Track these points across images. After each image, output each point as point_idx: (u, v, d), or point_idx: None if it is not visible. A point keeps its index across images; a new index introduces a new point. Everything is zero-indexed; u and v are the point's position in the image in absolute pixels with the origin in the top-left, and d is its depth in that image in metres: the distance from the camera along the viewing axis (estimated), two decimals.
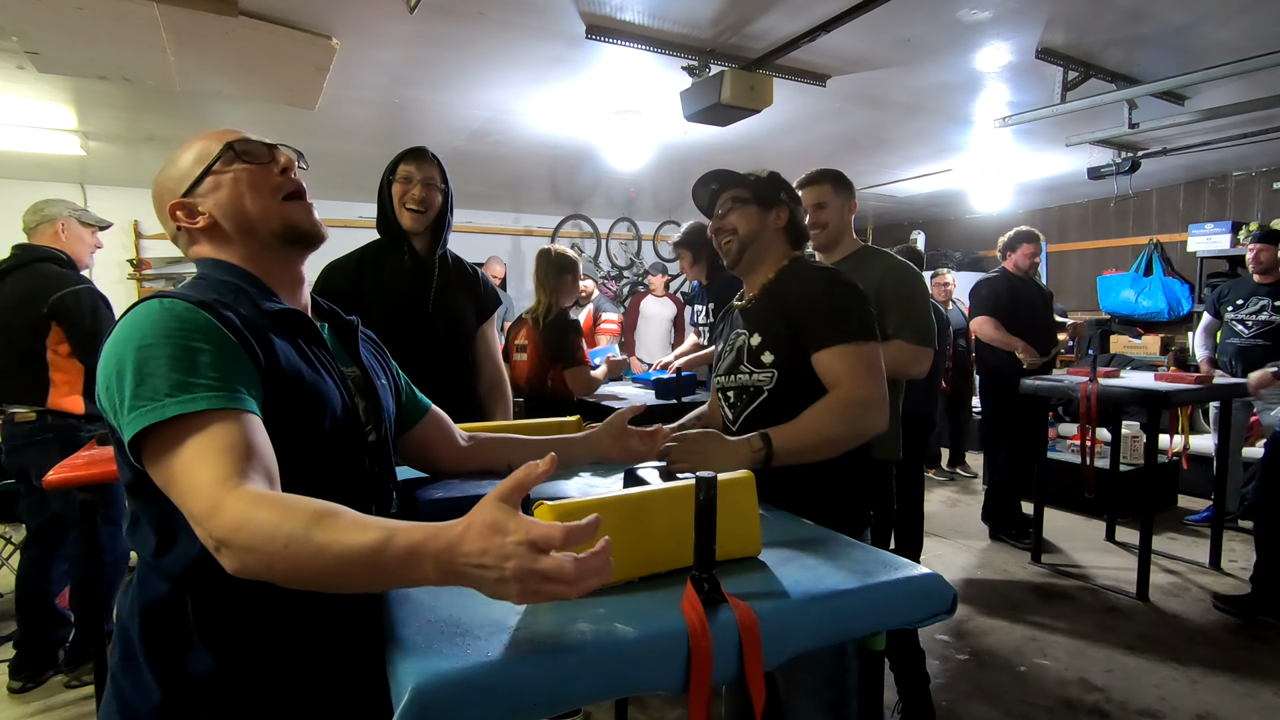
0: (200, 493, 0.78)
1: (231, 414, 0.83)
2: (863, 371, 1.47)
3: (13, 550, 3.70)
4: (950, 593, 1.04)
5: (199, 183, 1.04)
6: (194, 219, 1.04)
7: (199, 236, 1.05)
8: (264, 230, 1.04)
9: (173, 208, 1.05)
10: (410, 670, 0.73)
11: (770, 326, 1.58)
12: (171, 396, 0.82)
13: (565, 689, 0.76)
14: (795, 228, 1.71)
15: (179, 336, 0.86)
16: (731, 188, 1.70)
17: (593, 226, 8.20)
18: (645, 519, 0.98)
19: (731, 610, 0.88)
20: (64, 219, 2.91)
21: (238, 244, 1.04)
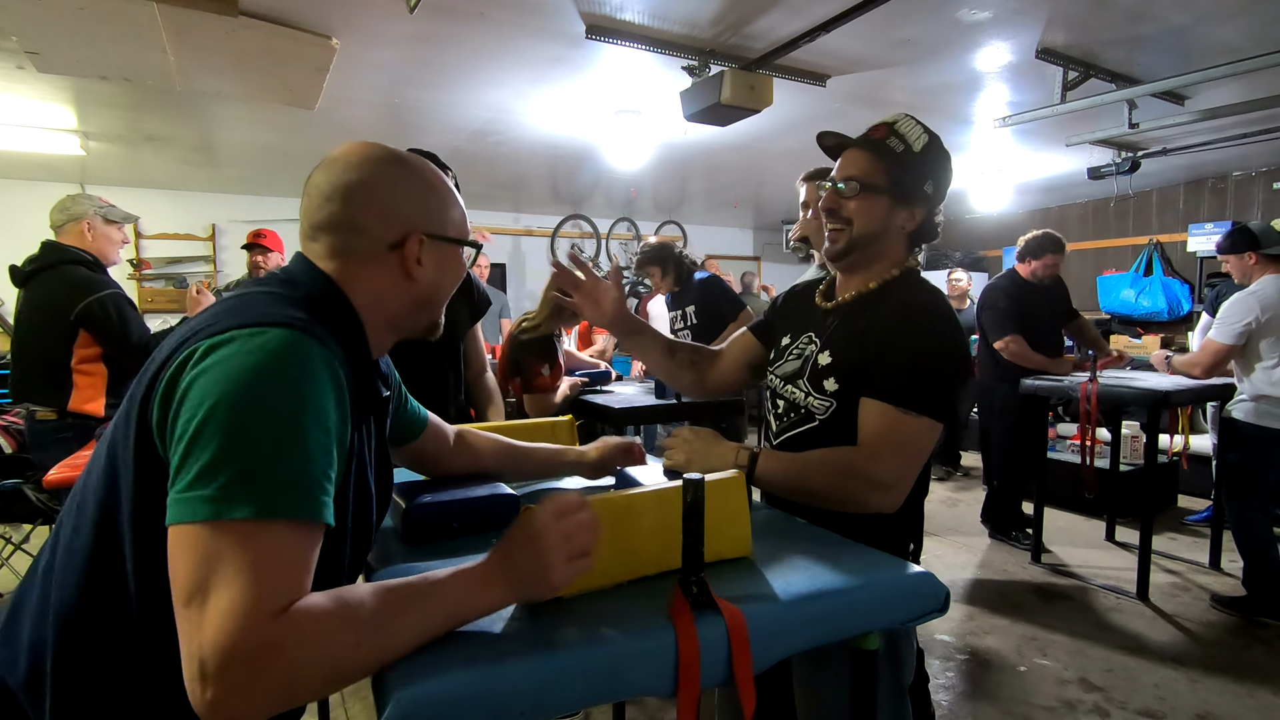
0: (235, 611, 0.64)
1: (316, 528, 0.73)
2: (891, 445, 1.22)
3: (13, 550, 3.71)
4: (943, 591, 1.03)
5: (444, 240, 0.95)
6: (415, 265, 0.92)
7: (382, 274, 0.91)
8: (424, 318, 0.98)
9: (417, 237, 0.91)
10: (394, 677, 0.72)
11: (846, 351, 1.33)
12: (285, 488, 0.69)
13: (552, 694, 0.76)
14: (923, 231, 1.40)
15: (311, 408, 0.73)
16: (866, 157, 1.35)
17: (593, 226, 8.20)
18: (634, 521, 0.98)
19: (720, 613, 0.87)
20: (89, 217, 2.91)
21: (393, 309, 0.93)
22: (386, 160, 0.91)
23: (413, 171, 0.93)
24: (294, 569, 0.70)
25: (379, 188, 0.90)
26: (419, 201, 0.93)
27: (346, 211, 0.88)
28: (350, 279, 0.89)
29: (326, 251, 0.90)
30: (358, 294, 0.89)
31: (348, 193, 0.88)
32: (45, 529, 3.79)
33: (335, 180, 0.89)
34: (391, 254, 0.90)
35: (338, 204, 0.88)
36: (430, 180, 0.95)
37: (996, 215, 7.97)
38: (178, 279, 6.50)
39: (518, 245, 8.06)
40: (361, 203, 0.89)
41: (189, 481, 0.68)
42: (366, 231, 0.89)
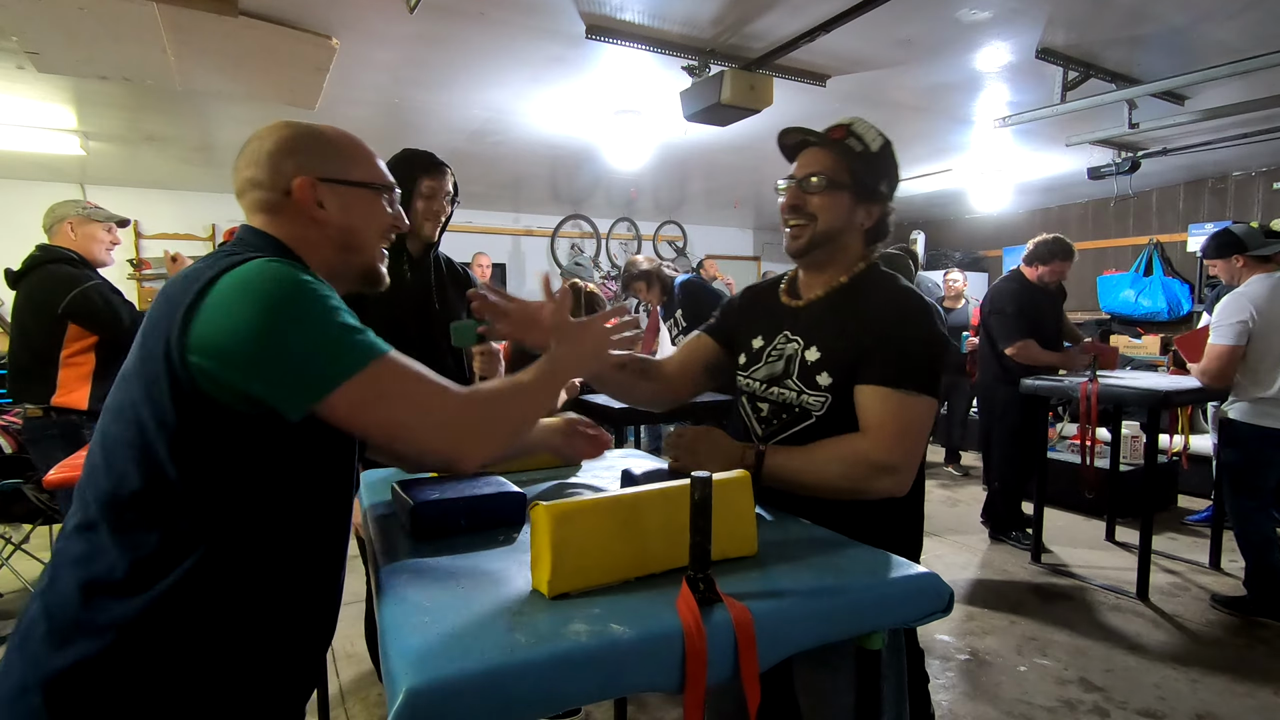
0: (450, 399, 0.93)
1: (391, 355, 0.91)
2: (896, 430, 1.27)
3: (13, 550, 3.71)
4: (946, 591, 1.04)
5: (342, 184, 1.04)
6: (313, 207, 1.02)
7: (292, 219, 1.02)
8: (355, 261, 1.07)
9: (305, 183, 1.00)
10: (404, 672, 0.73)
11: (834, 344, 1.36)
12: (364, 339, 0.88)
13: (560, 689, 0.76)
14: (881, 228, 1.44)
15: (326, 291, 0.89)
16: (828, 154, 1.38)
17: (593, 226, 8.20)
18: (641, 519, 0.98)
19: (726, 610, 0.87)
20: (72, 218, 2.98)
21: (321, 253, 1.03)
22: (282, 126, 1.04)
23: (306, 129, 1.05)
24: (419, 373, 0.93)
25: (268, 145, 1.01)
26: (306, 151, 1.02)
27: (247, 171, 1.01)
28: (279, 230, 1.01)
29: (252, 212, 1.03)
30: (299, 249, 1.01)
31: (246, 155, 1.02)
32: (45, 529, 3.79)
33: (247, 149, 1.03)
34: (288, 200, 1.01)
35: (241, 166, 1.02)
36: (324, 133, 1.05)
37: (996, 215, 7.97)
38: None
39: (518, 245, 8.05)
40: (254, 160, 1.01)
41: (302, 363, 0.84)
42: (262, 184, 1.01)
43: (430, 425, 0.91)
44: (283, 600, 0.93)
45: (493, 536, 1.16)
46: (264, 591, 0.90)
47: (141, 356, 0.88)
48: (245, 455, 0.87)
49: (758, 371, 1.48)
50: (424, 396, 0.90)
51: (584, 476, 1.57)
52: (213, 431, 0.85)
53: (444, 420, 0.92)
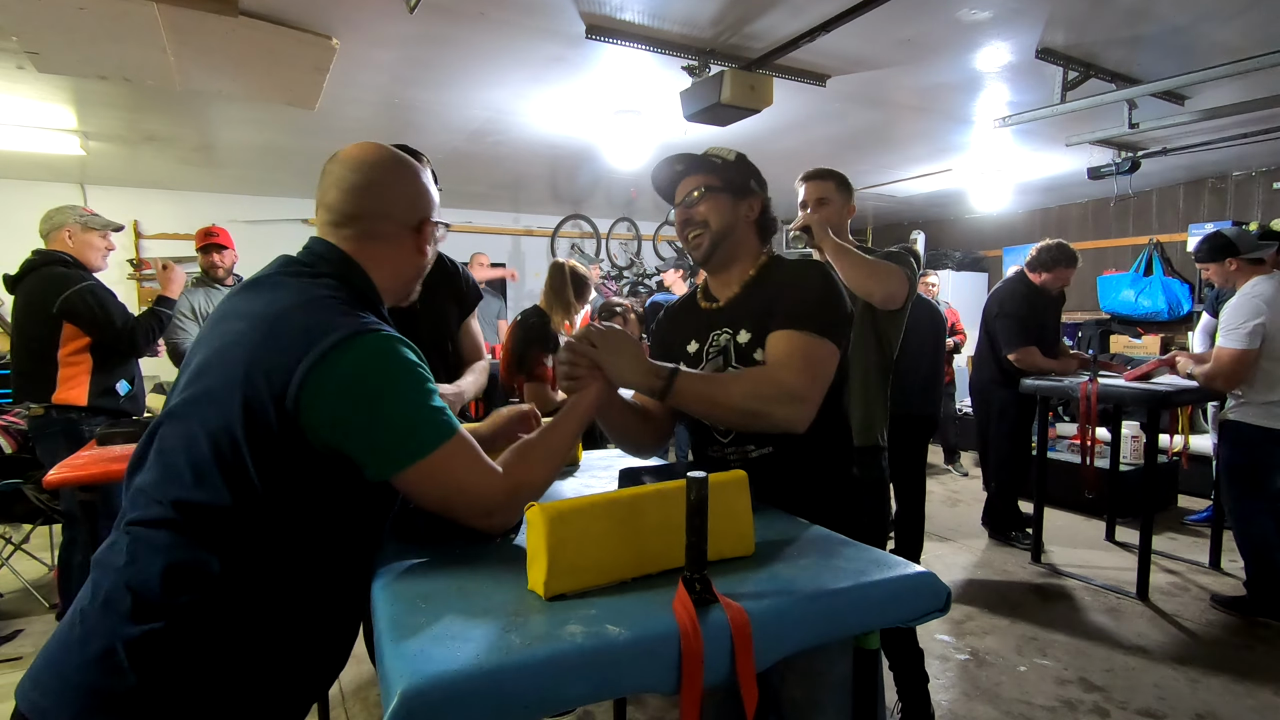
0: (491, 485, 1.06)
1: (460, 433, 1.04)
2: (799, 361, 1.34)
3: (13, 550, 3.71)
4: (944, 590, 1.03)
5: (437, 224, 1.22)
6: (428, 241, 1.19)
7: (395, 248, 1.16)
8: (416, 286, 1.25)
9: (430, 223, 1.19)
10: (399, 673, 0.73)
11: (757, 322, 1.46)
12: (443, 421, 1.02)
13: (556, 690, 0.76)
14: (766, 219, 1.58)
15: (419, 367, 1.03)
16: (698, 173, 1.56)
17: (593, 226, 8.20)
18: (637, 519, 0.98)
19: (723, 610, 0.87)
20: (69, 225, 3.05)
21: (400, 279, 1.19)
22: (399, 162, 1.17)
23: (416, 171, 1.20)
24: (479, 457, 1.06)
25: (402, 184, 1.17)
26: (426, 195, 1.20)
27: (379, 204, 1.14)
28: (373, 258, 1.14)
29: (355, 234, 1.13)
30: (378, 270, 1.14)
31: (380, 189, 1.14)
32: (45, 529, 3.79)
33: (366, 179, 1.13)
34: (412, 235, 1.17)
35: (372, 198, 1.14)
36: (426, 178, 1.22)
37: (996, 215, 7.97)
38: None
39: (518, 245, 8.05)
40: (391, 196, 1.15)
41: (391, 442, 0.99)
42: (394, 218, 1.16)
43: (474, 509, 1.06)
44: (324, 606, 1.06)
45: (489, 537, 1.16)
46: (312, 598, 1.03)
47: (238, 380, 0.96)
48: (321, 486, 1.00)
49: (703, 370, 1.53)
50: (474, 483, 1.04)
51: (581, 477, 1.57)
52: (302, 464, 0.97)
53: (486, 505, 1.06)
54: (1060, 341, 4.26)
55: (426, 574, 1.03)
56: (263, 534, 0.97)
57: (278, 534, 0.98)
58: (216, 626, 0.93)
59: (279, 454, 0.95)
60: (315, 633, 1.05)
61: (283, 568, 0.99)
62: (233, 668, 0.94)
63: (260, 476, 0.94)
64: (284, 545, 0.99)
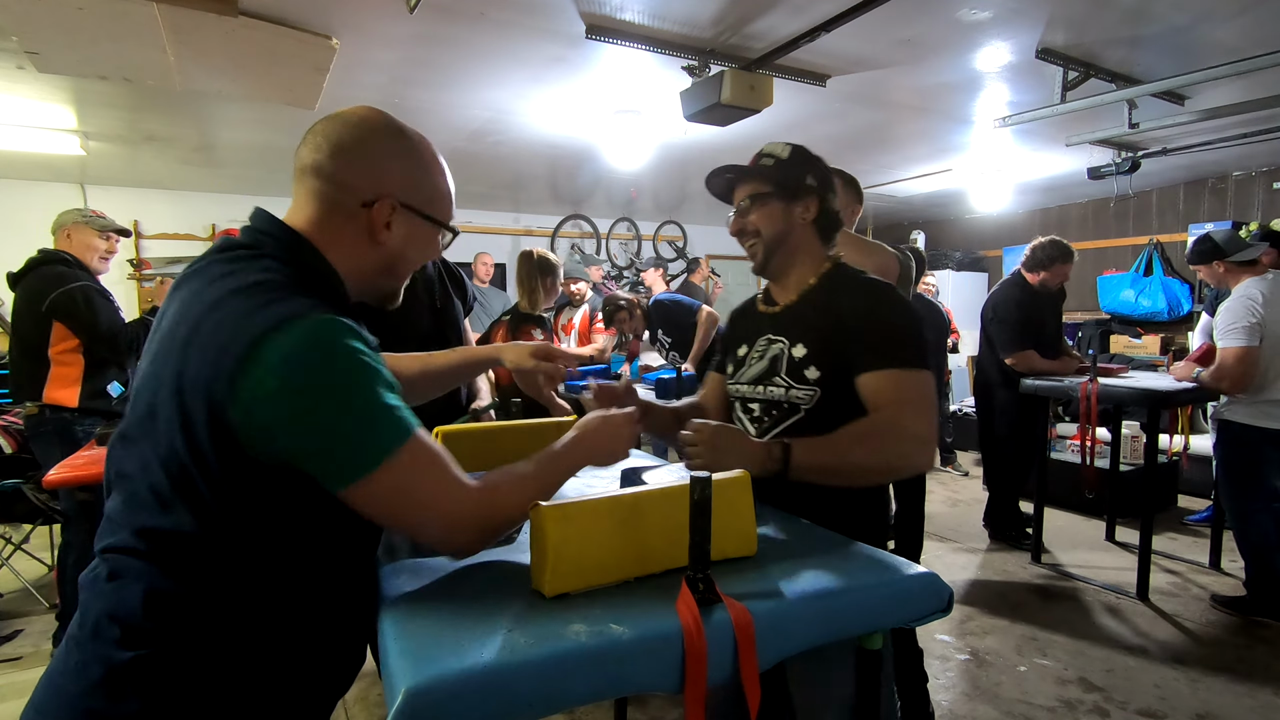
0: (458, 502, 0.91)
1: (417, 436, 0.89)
2: (914, 401, 1.30)
3: (13, 550, 3.71)
4: (946, 591, 1.04)
5: (419, 215, 1.01)
6: (381, 229, 0.98)
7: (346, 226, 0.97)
8: (385, 284, 1.05)
9: (387, 206, 0.97)
10: (403, 672, 0.73)
11: (818, 339, 1.41)
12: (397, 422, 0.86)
13: (559, 689, 0.76)
14: (827, 218, 1.51)
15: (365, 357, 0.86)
16: (748, 180, 1.52)
17: (593, 226, 8.20)
18: (641, 519, 0.98)
19: (726, 610, 0.87)
20: (69, 225, 3.06)
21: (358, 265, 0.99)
22: (384, 126, 0.98)
23: (407, 142, 1.00)
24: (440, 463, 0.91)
25: (367, 147, 0.96)
26: (401, 170, 0.98)
27: (333, 163, 0.95)
28: (323, 231, 0.96)
29: (307, 195, 0.97)
30: (332, 248, 0.96)
31: (339, 146, 0.95)
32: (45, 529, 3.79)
33: (332, 133, 0.96)
34: (363, 212, 0.96)
35: (326, 154, 0.95)
36: (422, 156, 1.01)
37: (996, 215, 7.97)
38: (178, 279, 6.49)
39: (518, 245, 8.05)
40: (347, 158, 0.95)
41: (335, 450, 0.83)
42: (345, 185, 0.95)
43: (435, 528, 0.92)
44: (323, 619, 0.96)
45: None
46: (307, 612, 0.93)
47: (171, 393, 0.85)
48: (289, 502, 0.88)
49: (744, 375, 1.54)
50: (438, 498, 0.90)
51: (584, 476, 1.57)
52: (257, 482, 0.85)
53: (451, 525, 0.92)
54: (1062, 340, 4.26)
55: (430, 573, 1.03)
56: (238, 557, 0.87)
57: (255, 555, 0.89)
58: (209, 649, 0.87)
59: (229, 473, 0.84)
60: (317, 646, 0.97)
61: (269, 587, 0.90)
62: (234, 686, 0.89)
63: (216, 500, 0.84)
64: (265, 565, 0.90)
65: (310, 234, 0.96)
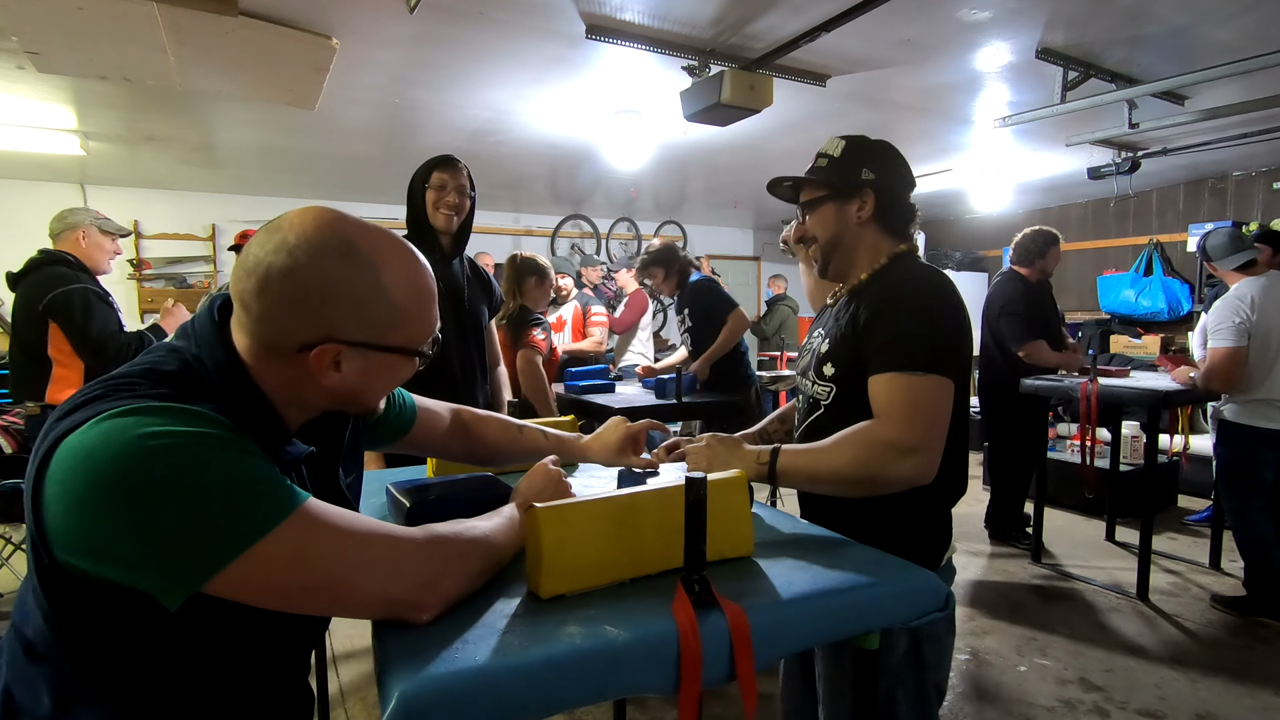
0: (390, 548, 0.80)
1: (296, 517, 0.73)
2: (906, 409, 1.22)
3: (13, 550, 3.71)
4: (944, 591, 1.03)
5: (375, 350, 0.83)
6: (325, 372, 0.82)
7: (285, 368, 0.82)
8: (351, 410, 0.92)
9: (328, 351, 0.80)
10: (397, 675, 0.73)
11: (838, 334, 1.38)
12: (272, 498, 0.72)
13: (554, 692, 0.76)
14: (888, 212, 1.43)
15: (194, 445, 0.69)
16: (806, 186, 1.50)
17: (593, 226, 8.20)
18: (636, 520, 0.98)
19: (722, 611, 0.87)
20: (85, 226, 3.05)
21: (304, 400, 0.86)
22: (328, 250, 0.78)
23: (357, 260, 0.80)
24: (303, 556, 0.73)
25: (303, 281, 0.77)
26: (350, 302, 0.79)
27: (262, 299, 0.78)
28: (261, 364, 0.82)
29: (241, 326, 0.82)
30: (267, 381, 0.82)
31: (267, 277, 0.77)
32: None
33: (264, 257, 0.78)
34: (300, 357, 0.80)
35: (254, 285, 0.78)
36: (378, 274, 0.81)
37: (996, 215, 7.97)
38: (178, 279, 6.50)
39: (518, 245, 8.05)
40: (277, 294, 0.77)
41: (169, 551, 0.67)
42: (276, 325, 0.79)
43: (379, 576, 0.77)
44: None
45: None
46: None
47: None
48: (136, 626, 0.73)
49: (798, 366, 1.57)
50: (362, 545, 0.76)
51: (581, 476, 1.57)
52: (92, 608, 0.71)
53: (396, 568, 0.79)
54: (1064, 333, 4.26)
55: None
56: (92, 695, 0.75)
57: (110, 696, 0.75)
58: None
59: (59, 599, 0.72)
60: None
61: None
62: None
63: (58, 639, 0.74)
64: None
65: (247, 361, 0.82)
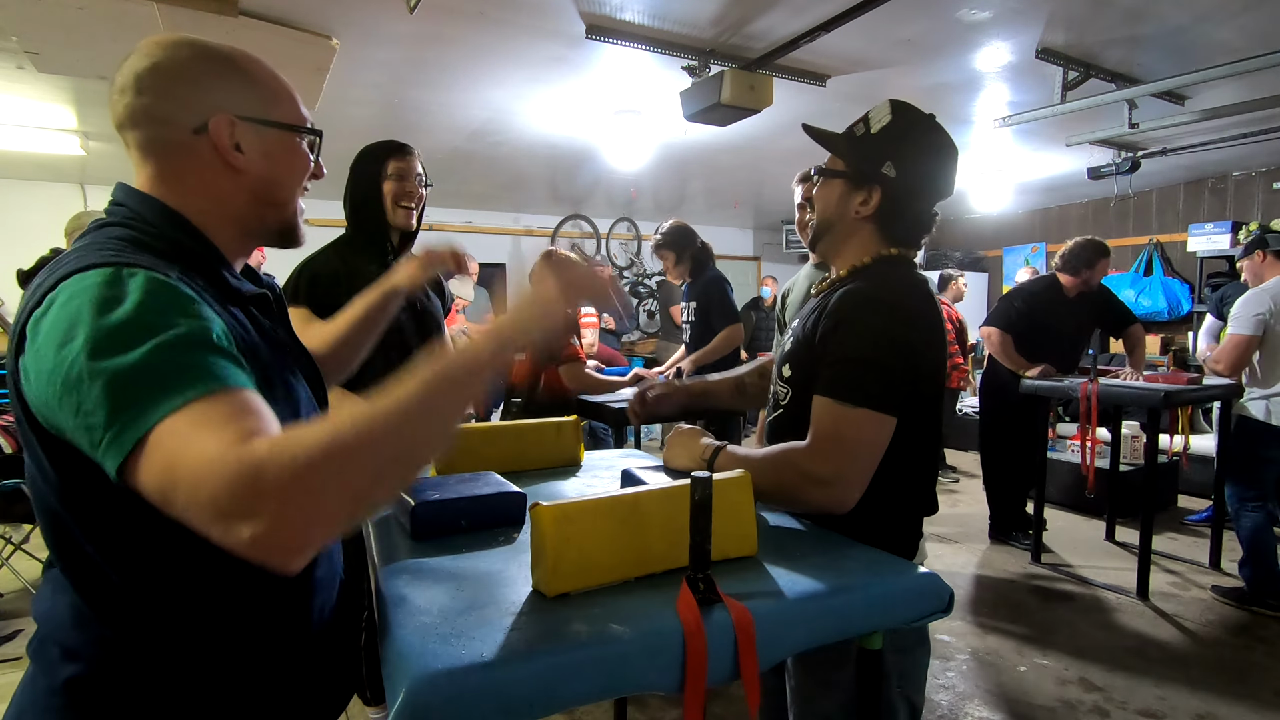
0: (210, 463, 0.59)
1: (229, 391, 0.66)
2: (829, 441, 1.16)
3: (13, 550, 3.71)
4: (947, 591, 1.03)
5: (264, 124, 0.86)
6: (230, 151, 0.84)
7: (195, 166, 0.84)
8: (272, 216, 0.90)
9: (223, 120, 0.83)
10: (404, 671, 0.73)
11: (803, 337, 1.29)
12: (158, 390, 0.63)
13: (560, 689, 0.76)
14: (890, 217, 1.30)
15: (150, 314, 0.67)
16: (831, 150, 1.35)
17: (593, 226, 8.20)
18: (641, 519, 0.98)
19: (727, 610, 0.87)
20: None
21: (232, 207, 0.86)
22: (183, 44, 0.84)
23: (215, 53, 0.85)
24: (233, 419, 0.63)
25: (174, 69, 0.82)
26: (222, 82, 0.84)
27: (141, 99, 0.81)
28: (173, 183, 0.83)
29: (138, 152, 0.84)
30: (188, 201, 0.84)
31: (140, 79, 0.81)
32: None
33: (126, 71, 0.82)
34: (200, 140, 0.83)
35: (131, 93, 0.81)
36: (240, 62, 0.86)
37: (996, 215, 7.97)
38: None
39: (518, 245, 8.05)
40: (155, 87, 0.81)
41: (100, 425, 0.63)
42: (167, 119, 0.82)
43: (194, 503, 0.60)
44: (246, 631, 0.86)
45: (493, 536, 1.16)
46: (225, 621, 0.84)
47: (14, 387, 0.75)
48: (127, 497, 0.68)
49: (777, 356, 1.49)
50: (193, 459, 0.60)
51: (584, 476, 1.57)
52: (83, 471, 0.71)
53: (206, 495, 0.58)
54: (1076, 353, 4.10)
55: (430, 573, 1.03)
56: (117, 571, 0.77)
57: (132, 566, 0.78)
58: (141, 671, 0.80)
59: (55, 462, 0.73)
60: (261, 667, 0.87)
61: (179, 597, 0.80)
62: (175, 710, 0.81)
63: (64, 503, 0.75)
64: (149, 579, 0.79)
65: (157, 192, 0.83)
